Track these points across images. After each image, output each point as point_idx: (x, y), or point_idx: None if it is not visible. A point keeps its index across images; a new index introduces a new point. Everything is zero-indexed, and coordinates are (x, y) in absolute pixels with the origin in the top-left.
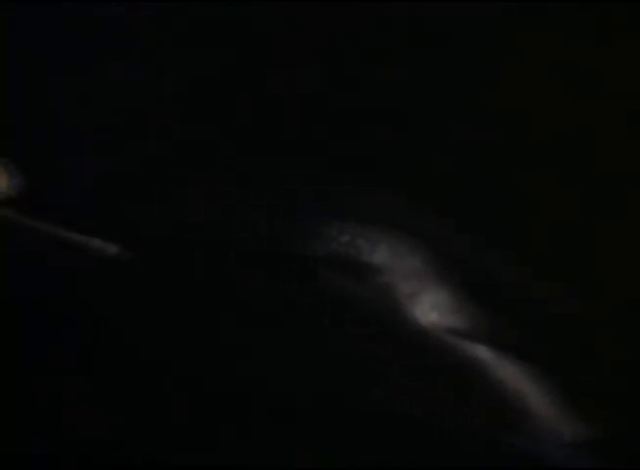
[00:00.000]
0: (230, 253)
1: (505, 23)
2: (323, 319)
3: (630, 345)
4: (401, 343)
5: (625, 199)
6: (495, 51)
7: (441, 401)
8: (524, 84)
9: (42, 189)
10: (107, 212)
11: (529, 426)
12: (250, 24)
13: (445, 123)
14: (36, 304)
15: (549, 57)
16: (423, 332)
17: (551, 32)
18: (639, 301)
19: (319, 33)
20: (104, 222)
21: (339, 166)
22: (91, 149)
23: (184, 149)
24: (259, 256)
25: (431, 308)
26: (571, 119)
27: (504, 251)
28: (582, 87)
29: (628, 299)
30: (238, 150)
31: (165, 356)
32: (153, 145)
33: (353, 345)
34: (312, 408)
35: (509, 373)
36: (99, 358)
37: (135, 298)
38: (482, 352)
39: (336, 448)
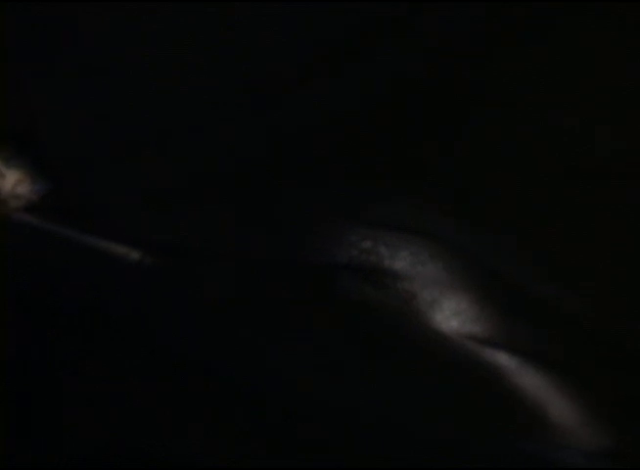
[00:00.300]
0: (250, 260)
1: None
2: (343, 326)
3: None
4: (422, 350)
5: None
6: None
7: (461, 408)
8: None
9: (65, 194)
10: (130, 219)
11: (549, 433)
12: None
13: (464, 128)
14: (57, 308)
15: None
16: (443, 339)
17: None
18: None
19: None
20: (127, 228)
21: (359, 173)
22: (116, 154)
23: (209, 158)
24: (280, 262)
25: (451, 315)
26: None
27: (526, 258)
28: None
29: None
30: (263, 158)
31: (183, 361)
32: (181, 154)
33: (373, 352)
34: (328, 414)
35: (529, 380)
36: (120, 361)
37: (156, 304)
38: (503, 359)
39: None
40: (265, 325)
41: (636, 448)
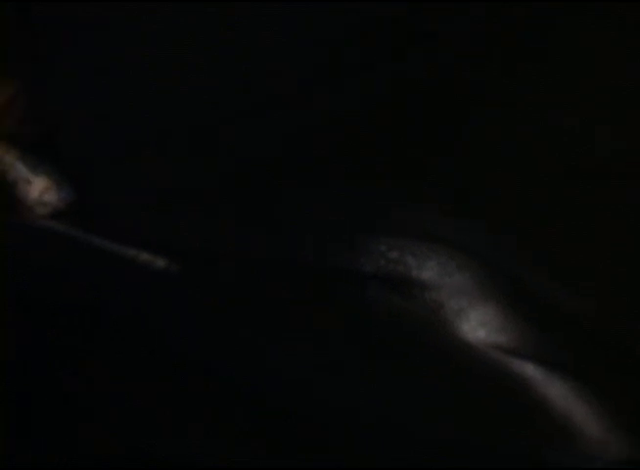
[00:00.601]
0: (277, 268)
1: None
2: (369, 335)
3: None
4: (448, 359)
5: None
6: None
7: (487, 419)
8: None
9: (91, 202)
10: (156, 226)
11: (577, 445)
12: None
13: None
14: (83, 315)
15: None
16: (470, 349)
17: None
18: None
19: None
20: (152, 236)
21: (387, 182)
22: (144, 161)
23: (240, 164)
24: (307, 271)
25: (478, 325)
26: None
27: (554, 268)
28: None
29: None
30: (290, 166)
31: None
32: (209, 159)
33: (399, 361)
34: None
35: (557, 391)
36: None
37: (181, 311)
38: (530, 370)
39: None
40: (289, 332)
41: None
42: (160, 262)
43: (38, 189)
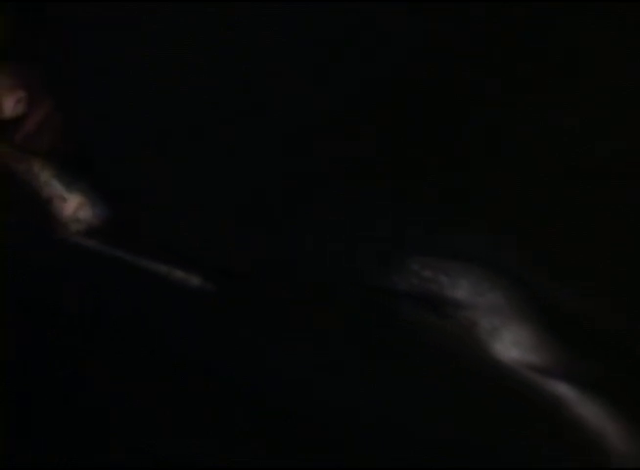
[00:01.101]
0: (310, 285)
1: None
2: (402, 354)
3: None
4: (481, 379)
5: None
6: None
7: (522, 439)
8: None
9: (125, 219)
10: (190, 244)
11: (612, 465)
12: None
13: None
14: (117, 333)
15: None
16: (503, 368)
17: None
18: None
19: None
20: (187, 254)
21: (420, 201)
22: (178, 179)
23: (279, 181)
24: (339, 288)
25: (511, 345)
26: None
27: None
28: None
29: None
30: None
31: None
32: (238, 179)
33: (432, 380)
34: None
35: (590, 411)
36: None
37: (215, 330)
38: (564, 390)
39: None
40: (321, 350)
41: None
42: (194, 280)
43: (73, 206)
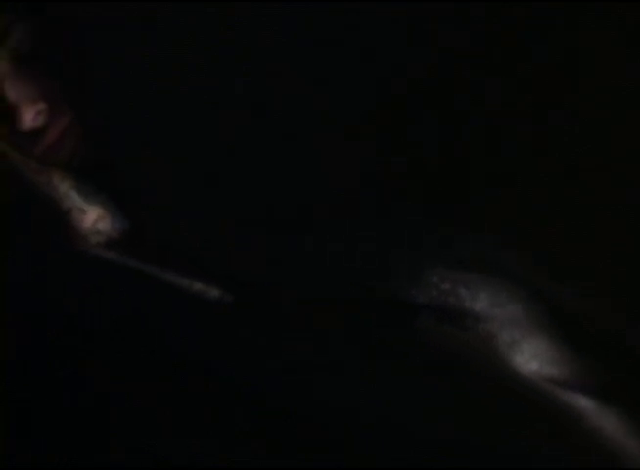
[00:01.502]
0: (328, 298)
1: None
2: (421, 366)
3: None
4: (501, 391)
5: None
6: None
7: (542, 452)
8: None
9: (145, 231)
10: (210, 256)
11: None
12: None
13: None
14: (136, 345)
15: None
16: (523, 381)
17: None
18: None
19: None
20: (206, 265)
21: (439, 213)
22: (192, 186)
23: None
24: (358, 301)
25: (531, 357)
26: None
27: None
28: None
29: None
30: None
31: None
32: (257, 188)
33: (451, 392)
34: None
35: (610, 424)
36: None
37: (234, 341)
38: (583, 402)
39: None
40: (339, 363)
41: None
42: (214, 292)
43: (92, 218)
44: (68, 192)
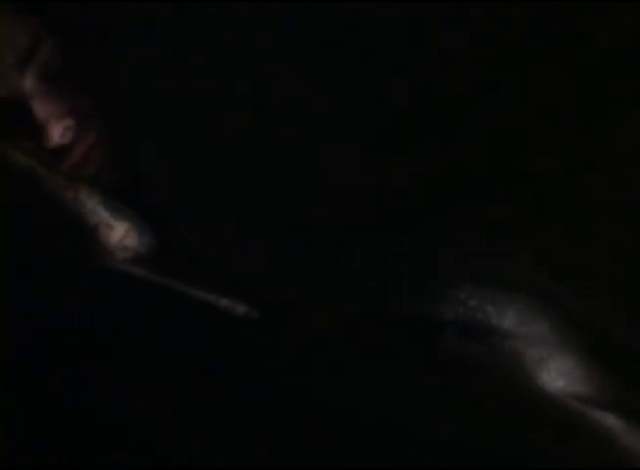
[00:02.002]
0: (355, 314)
1: None
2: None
3: None
4: (528, 409)
5: None
6: None
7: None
8: None
9: (172, 247)
10: (237, 272)
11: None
12: None
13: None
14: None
15: None
16: (550, 398)
17: None
18: None
19: None
20: (233, 282)
21: (467, 230)
22: (227, 208)
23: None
24: (385, 316)
25: (558, 375)
26: None
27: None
28: None
29: None
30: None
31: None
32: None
33: (477, 409)
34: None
35: (638, 441)
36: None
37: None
38: (610, 420)
39: None
40: (363, 378)
41: None
42: (241, 308)
43: (119, 233)
44: (95, 208)
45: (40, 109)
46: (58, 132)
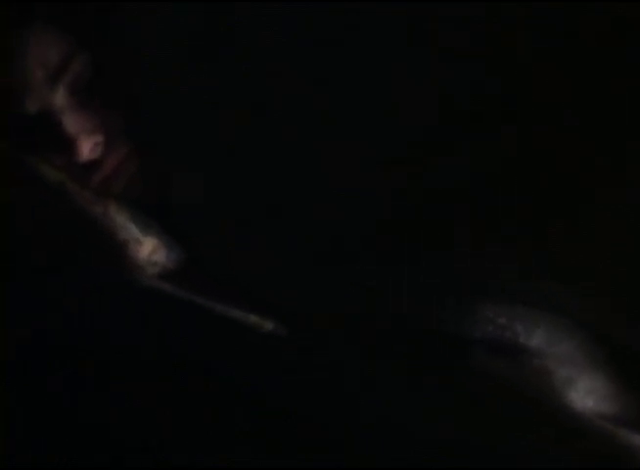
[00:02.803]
0: (385, 330)
1: None
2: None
3: None
4: (556, 429)
5: None
6: None
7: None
8: None
9: (200, 263)
10: (265, 288)
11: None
12: None
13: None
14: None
15: None
16: (578, 418)
17: None
18: None
19: None
20: (261, 298)
21: (497, 248)
22: (256, 226)
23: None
24: (414, 333)
25: (586, 394)
26: None
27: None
28: None
29: None
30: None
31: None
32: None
33: (505, 429)
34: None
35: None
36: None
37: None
38: (639, 440)
39: None
40: (393, 396)
41: None
42: (269, 325)
43: (148, 249)
44: (124, 224)
45: (70, 124)
46: (88, 147)
